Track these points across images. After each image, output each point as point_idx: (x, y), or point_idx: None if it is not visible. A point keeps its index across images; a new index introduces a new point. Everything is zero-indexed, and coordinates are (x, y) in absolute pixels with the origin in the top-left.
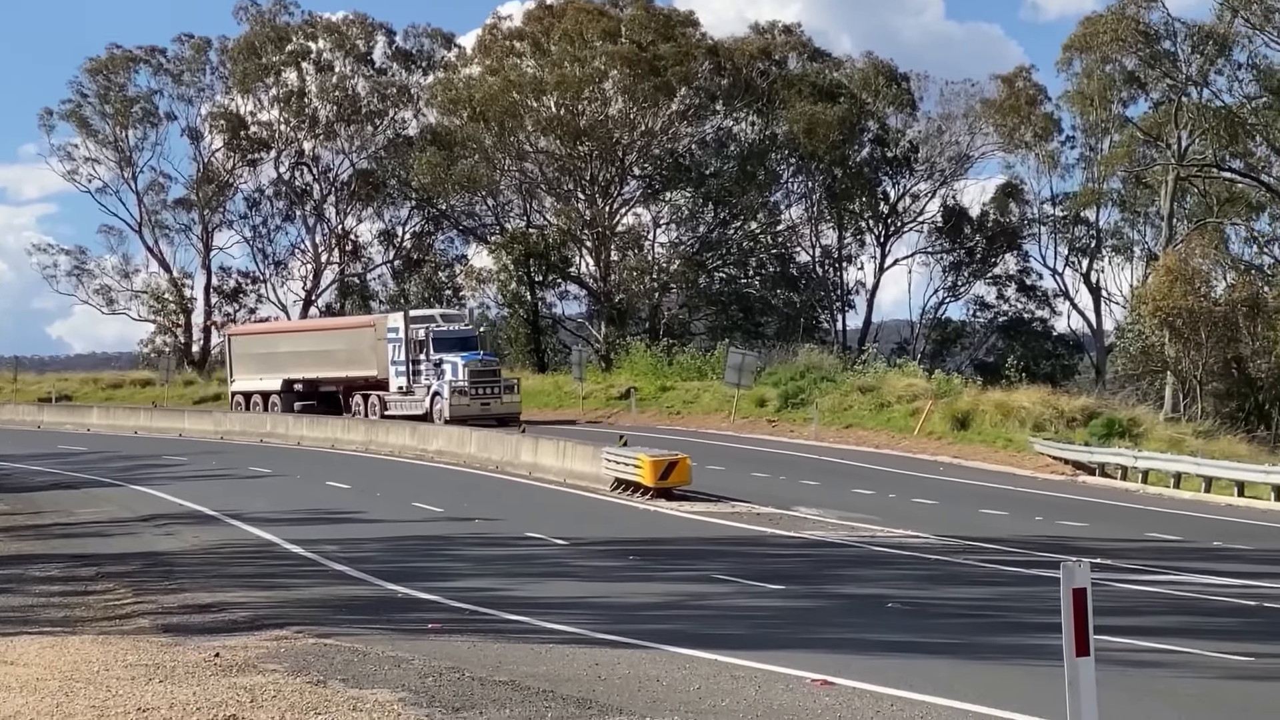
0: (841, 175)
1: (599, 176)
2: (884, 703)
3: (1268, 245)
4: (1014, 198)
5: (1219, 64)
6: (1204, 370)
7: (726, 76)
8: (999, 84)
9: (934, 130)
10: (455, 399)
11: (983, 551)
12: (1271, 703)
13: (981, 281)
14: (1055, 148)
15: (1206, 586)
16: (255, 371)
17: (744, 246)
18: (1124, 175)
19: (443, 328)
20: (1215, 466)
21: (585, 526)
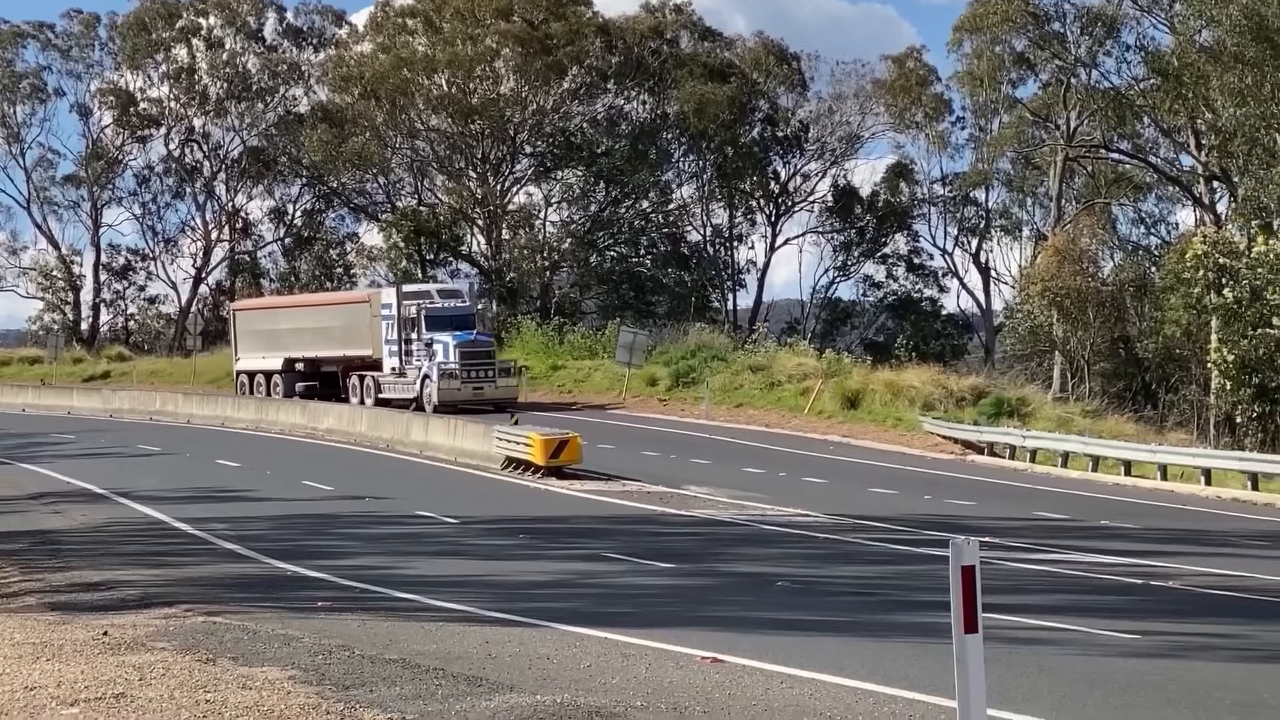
0: (732, 154)
1: (490, 155)
2: (773, 680)
3: (1154, 226)
4: (904, 178)
5: (1108, 45)
6: (1092, 350)
7: (618, 55)
8: (890, 64)
9: (825, 110)
10: (444, 383)
11: (872, 530)
12: (1157, 680)
13: (871, 261)
14: (945, 128)
15: (1094, 565)
16: (258, 350)
17: (635, 225)
18: (1013, 156)
19: (436, 304)
20: (1102, 446)
21: (476, 505)
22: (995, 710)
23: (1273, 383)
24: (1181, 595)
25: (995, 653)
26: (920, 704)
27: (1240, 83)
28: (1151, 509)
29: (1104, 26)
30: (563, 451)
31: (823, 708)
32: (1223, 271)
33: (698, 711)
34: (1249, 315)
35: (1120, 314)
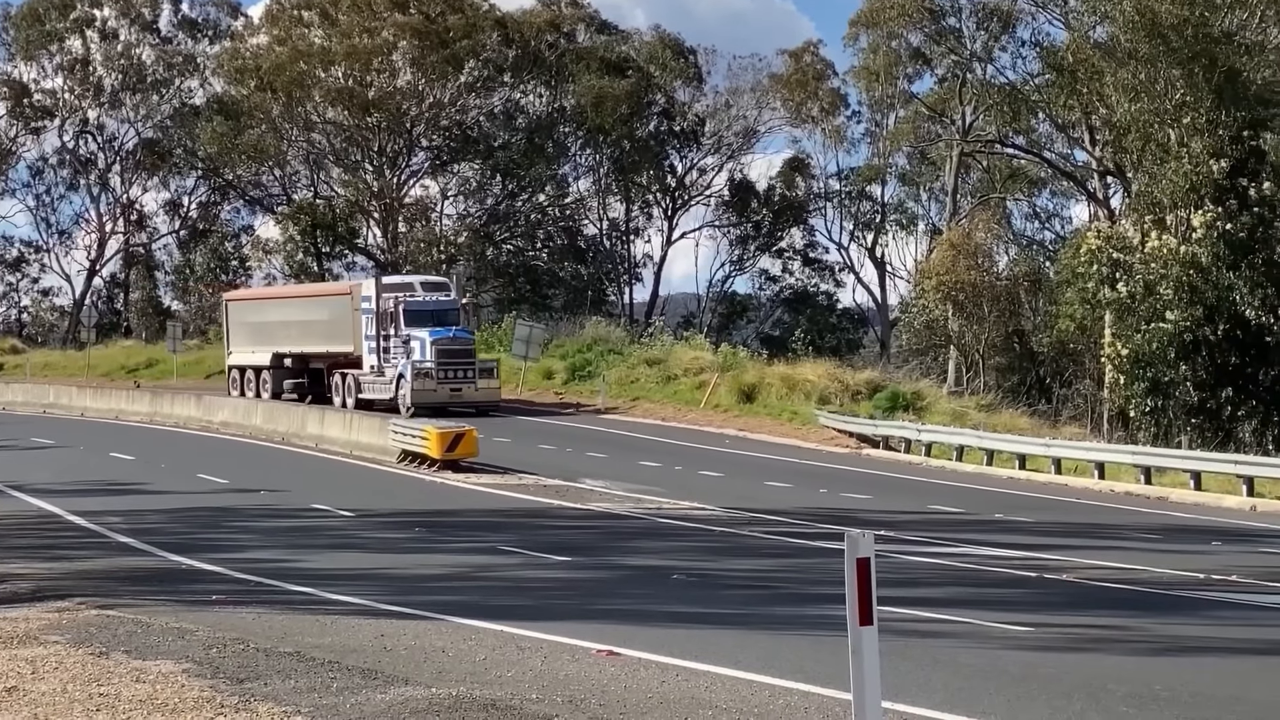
0: (629, 148)
1: (387, 148)
2: (669, 673)
3: (1049, 221)
4: (800, 172)
5: (1003, 41)
6: (987, 344)
7: (515, 49)
8: (787, 59)
9: (721, 104)
10: (418, 383)
11: (768, 523)
12: (1051, 673)
13: (768, 255)
14: (841, 123)
15: (988, 558)
16: (248, 343)
17: (532, 219)
18: (909, 151)
19: (417, 297)
20: (997, 440)
21: (372, 498)
22: (890, 703)
23: (1165, 377)
24: (1075, 588)
25: (890, 645)
26: (815, 696)
27: (1134, 79)
28: (1046, 502)
29: (1000, 22)
30: (459, 445)
31: (718, 700)
32: (1117, 266)
33: (593, 704)
34: (1142, 310)
35: (1015, 308)
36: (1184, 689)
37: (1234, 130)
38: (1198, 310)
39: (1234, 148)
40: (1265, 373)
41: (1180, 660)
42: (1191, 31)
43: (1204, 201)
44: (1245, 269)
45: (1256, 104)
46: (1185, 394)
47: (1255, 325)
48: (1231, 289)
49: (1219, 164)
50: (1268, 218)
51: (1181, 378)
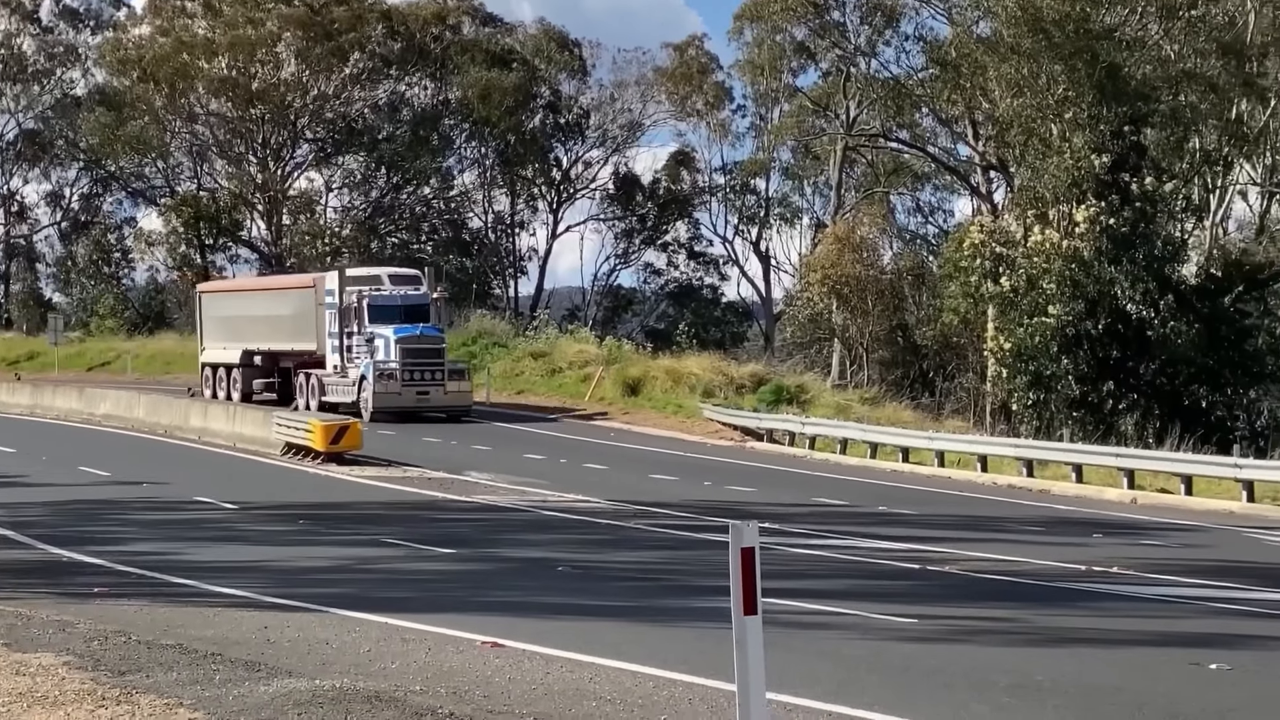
0: (515, 141)
1: (271, 140)
2: (553, 664)
3: (933, 215)
4: (685, 165)
5: (887, 35)
6: (871, 338)
7: (400, 41)
8: (671, 52)
9: (607, 98)
10: (381, 385)
11: (652, 516)
12: (934, 663)
13: (653, 249)
14: (726, 116)
15: (872, 550)
16: (221, 339)
17: (417, 212)
18: (794, 145)
19: (384, 291)
20: (881, 433)
21: (255, 490)
22: (774, 694)
23: (1048, 371)
24: (958, 580)
25: (775, 637)
26: (700, 687)
27: (1017, 74)
28: (929, 495)
29: (884, 16)
30: (343, 438)
31: (602, 691)
32: (1000, 261)
33: (477, 695)
34: (1025, 304)
35: (899, 302)
36: (1066, 680)
37: (1115, 125)
38: (1080, 304)
39: (1115, 143)
40: (1146, 366)
41: (1062, 651)
42: (1073, 27)
43: (1086, 196)
44: (1126, 263)
45: (1137, 99)
46: (1067, 387)
47: (1136, 319)
48: (1113, 283)
49: (1101, 159)
50: (1149, 212)
51: (1063, 371)
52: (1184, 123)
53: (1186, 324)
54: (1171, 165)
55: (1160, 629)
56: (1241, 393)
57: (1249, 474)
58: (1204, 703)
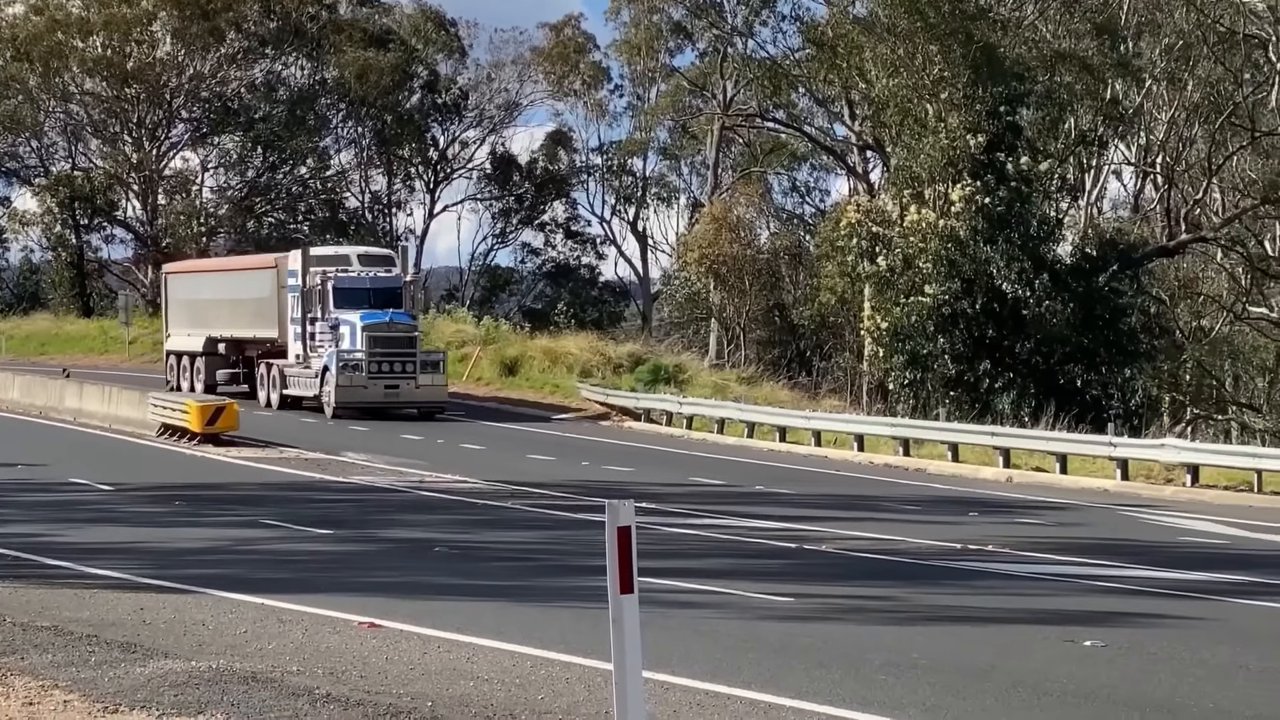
0: (392, 121)
1: (146, 119)
2: (431, 644)
3: (810, 195)
4: (563, 145)
5: (764, 15)
6: (748, 317)
7: (276, 20)
8: (548, 32)
9: (484, 78)
10: (344, 377)
11: (530, 496)
12: (810, 642)
13: (530, 228)
14: (604, 96)
15: (749, 530)
16: (186, 325)
17: (293, 191)
18: (671, 124)
19: (351, 272)
20: (758, 412)
21: (131, 472)
22: (651, 672)
23: (924, 350)
24: (834, 559)
25: (652, 616)
26: (577, 666)
27: (893, 54)
28: (806, 474)
29: None
30: (219, 419)
31: (480, 671)
32: (876, 240)
33: (355, 676)
34: (901, 283)
35: (776, 281)
36: (941, 657)
37: (991, 105)
38: (956, 284)
39: (991, 122)
40: (1022, 345)
41: (937, 629)
42: (949, 7)
43: (962, 176)
44: (1002, 242)
45: (1013, 79)
46: (943, 366)
47: (1012, 298)
48: (989, 262)
49: (976, 139)
50: (1024, 192)
51: (940, 350)
52: (1059, 103)
53: (1062, 303)
54: (1047, 145)
55: (1035, 606)
56: (1116, 371)
57: (1123, 452)
58: (1077, 679)
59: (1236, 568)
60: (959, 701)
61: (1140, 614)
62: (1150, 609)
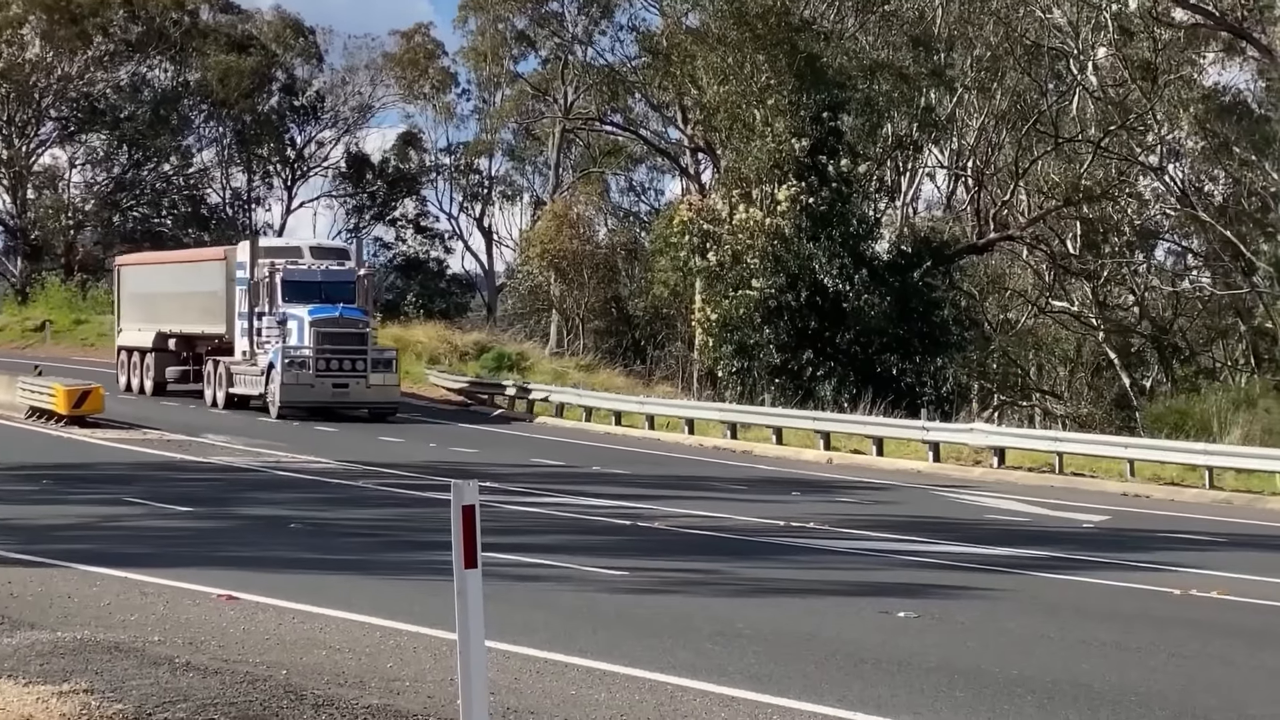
0: (251, 122)
1: (16, 117)
2: (286, 616)
3: (645, 194)
4: (413, 146)
5: (603, 25)
6: (586, 309)
7: (141, 25)
8: (399, 39)
9: (339, 81)
10: (290, 375)
11: (381, 476)
12: (644, 613)
13: (382, 224)
14: (452, 100)
15: (586, 507)
16: (137, 319)
17: (158, 187)
18: (515, 127)
19: (301, 265)
20: (595, 397)
21: None
22: (494, 642)
23: (751, 340)
24: (667, 535)
25: (495, 589)
26: (424, 636)
27: (723, 63)
28: (641, 456)
29: (599, 7)
30: (85, 402)
31: (332, 641)
32: (707, 237)
33: (213, 646)
34: (730, 277)
35: (613, 275)
36: (765, 627)
37: (814, 111)
38: (781, 278)
39: (814, 127)
40: (842, 336)
41: (762, 601)
42: (775, 19)
43: (787, 177)
44: (824, 240)
45: (834, 87)
46: (769, 356)
47: (834, 292)
48: (812, 258)
49: (800, 142)
50: (845, 192)
51: (766, 340)
52: (878, 109)
53: (879, 297)
54: (866, 149)
55: (852, 580)
56: (929, 361)
57: (935, 436)
58: (891, 648)
59: (1039, 543)
60: (781, 668)
61: (950, 586)
62: (959, 582)
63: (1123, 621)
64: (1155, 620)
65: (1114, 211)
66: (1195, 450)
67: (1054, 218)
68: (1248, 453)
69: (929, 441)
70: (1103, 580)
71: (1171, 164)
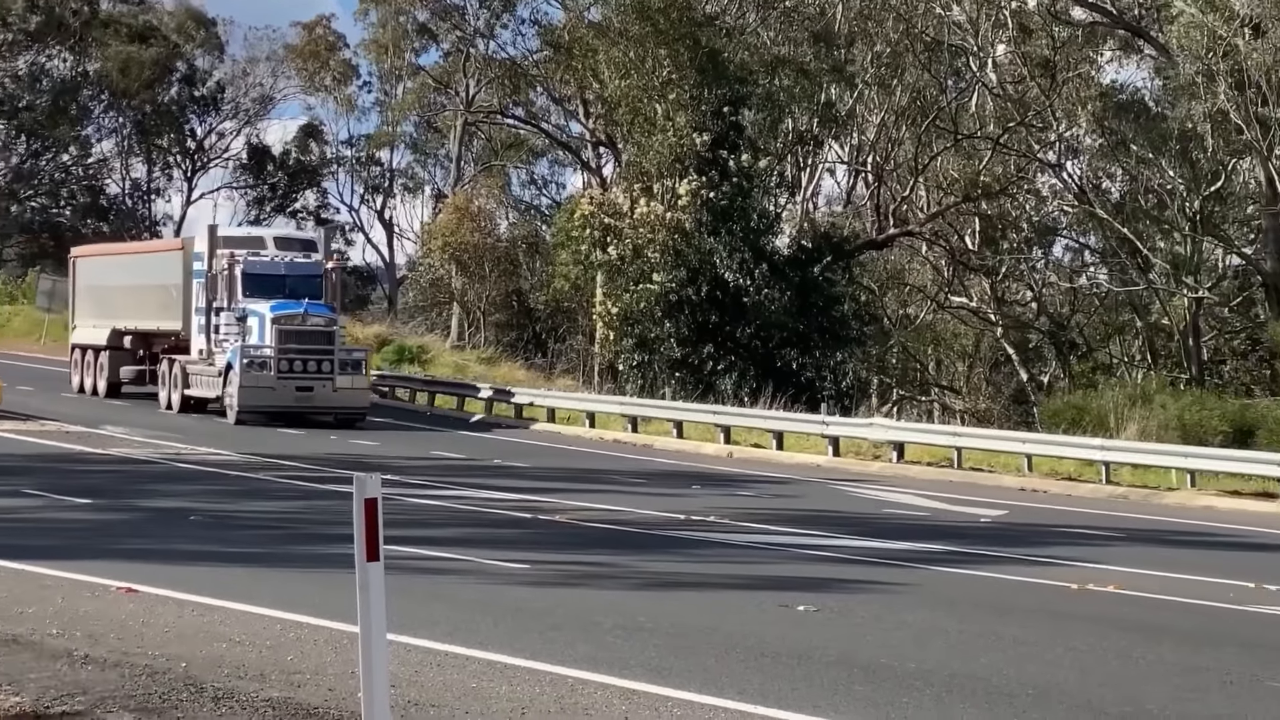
0: (152, 112)
1: None
2: (186, 608)
3: (546, 187)
4: (314, 138)
5: (504, 19)
6: (488, 302)
7: (40, 15)
8: (301, 30)
9: (240, 72)
10: (249, 377)
11: (280, 468)
12: (544, 606)
13: (283, 216)
14: (353, 92)
15: (487, 500)
16: (92, 315)
17: (56, 178)
18: (417, 119)
19: (263, 257)
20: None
21: None
22: (395, 635)
23: (651, 334)
24: (568, 528)
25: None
26: (325, 629)
27: (625, 57)
28: (541, 449)
29: (501, 1)
30: None
31: (232, 633)
32: (608, 231)
33: (112, 638)
34: (631, 271)
35: (514, 268)
36: (666, 620)
37: (715, 106)
38: (682, 272)
39: (716, 122)
40: (742, 330)
41: (663, 594)
42: (677, 14)
43: (688, 171)
44: (725, 234)
45: (736, 82)
46: (669, 349)
47: (734, 287)
48: (712, 253)
49: (702, 137)
50: (745, 187)
51: (666, 334)
52: (779, 105)
53: (779, 291)
54: (767, 144)
55: (752, 573)
56: (829, 355)
57: (834, 430)
58: (791, 642)
59: (937, 538)
60: (682, 661)
61: (849, 580)
62: (859, 576)
63: (1020, 616)
64: (1052, 614)
65: (1012, 208)
66: (1092, 445)
67: (953, 214)
68: (1143, 448)
69: (829, 436)
70: (1001, 575)
71: (1070, 161)
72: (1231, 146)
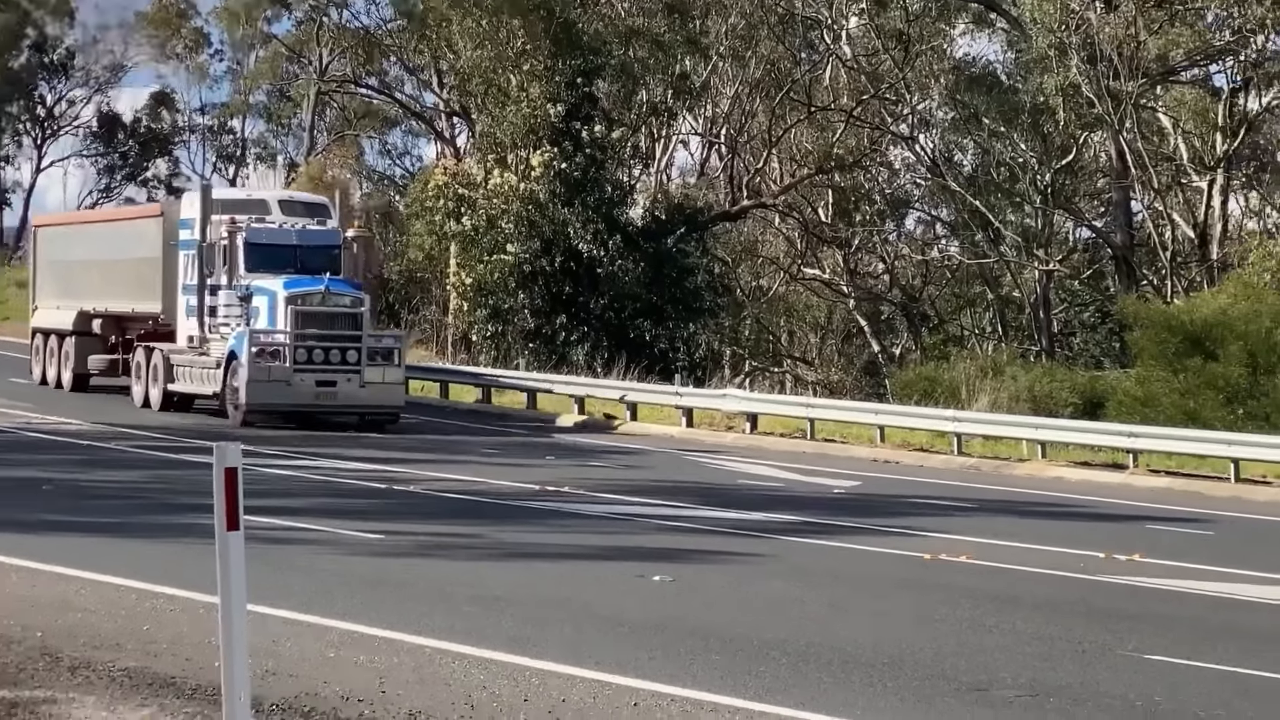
0: (1, 79)
1: None
2: (39, 578)
3: (401, 158)
4: (166, 106)
5: None
6: None
7: None
8: None
9: (90, 40)
10: (258, 369)
11: (133, 439)
12: (401, 576)
13: (134, 184)
14: (205, 60)
15: (342, 470)
16: (55, 295)
17: None
18: (269, 88)
19: (270, 223)
20: None
21: None
22: (252, 605)
23: (506, 305)
24: (422, 499)
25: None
26: (183, 599)
27: (479, 27)
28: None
29: None
30: None
31: (87, 603)
32: (462, 201)
33: None
34: (485, 242)
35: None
36: (522, 591)
37: (569, 77)
38: (536, 243)
39: (569, 93)
40: (596, 301)
41: (519, 565)
42: None
43: (542, 142)
44: (579, 205)
45: (590, 53)
46: (523, 320)
47: (588, 258)
48: (566, 224)
49: (555, 108)
50: (599, 159)
51: (520, 305)
52: (633, 76)
53: (633, 263)
54: (621, 115)
55: (607, 544)
56: (682, 326)
57: (688, 401)
58: (647, 612)
59: (791, 508)
60: (539, 631)
61: (704, 551)
62: (714, 546)
63: (874, 585)
64: (906, 584)
65: (865, 180)
66: (944, 417)
67: (806, 186)
68: (995, 419)
69: (682, 407)
70: (854, 545)
71: (923, 134)
72: (1083, 120)
